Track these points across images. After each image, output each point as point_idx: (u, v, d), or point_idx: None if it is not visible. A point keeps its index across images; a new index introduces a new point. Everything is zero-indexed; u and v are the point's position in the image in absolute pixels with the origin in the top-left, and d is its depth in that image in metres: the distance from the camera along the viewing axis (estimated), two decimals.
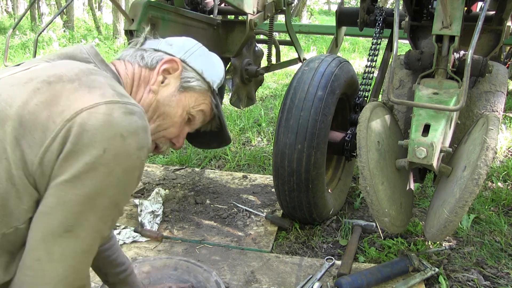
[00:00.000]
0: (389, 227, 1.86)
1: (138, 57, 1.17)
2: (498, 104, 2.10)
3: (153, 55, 1.17)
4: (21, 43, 9.72)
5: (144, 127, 0.95)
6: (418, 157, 1.73)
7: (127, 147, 0.90)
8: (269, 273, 2.08)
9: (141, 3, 2.00)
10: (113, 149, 0.88)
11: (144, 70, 1.16)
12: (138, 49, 1.20)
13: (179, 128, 1.21)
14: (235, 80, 2.70)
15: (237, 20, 2.86)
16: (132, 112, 0.93)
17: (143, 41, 1.23)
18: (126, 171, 0.92)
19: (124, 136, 0.89)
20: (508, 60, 4.86)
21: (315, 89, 2.27)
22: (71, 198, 0.87)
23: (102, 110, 0.89)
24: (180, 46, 1.21)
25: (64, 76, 0.95)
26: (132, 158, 0.92)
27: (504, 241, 2.39)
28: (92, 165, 0.87)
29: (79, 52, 1.09)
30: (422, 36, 2.45)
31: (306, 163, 2.23)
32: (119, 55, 1.23)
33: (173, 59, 1.17)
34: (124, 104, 0.93)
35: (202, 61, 1.22)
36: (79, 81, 0.95)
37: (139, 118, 0.94)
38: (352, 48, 10.93)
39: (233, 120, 4.60)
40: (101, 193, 0.89)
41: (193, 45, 1.24)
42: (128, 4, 10.46)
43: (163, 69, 1.16)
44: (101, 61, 1.10)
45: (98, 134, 0.87)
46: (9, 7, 20.23)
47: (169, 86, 1.16)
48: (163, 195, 2.74)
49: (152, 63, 1.16)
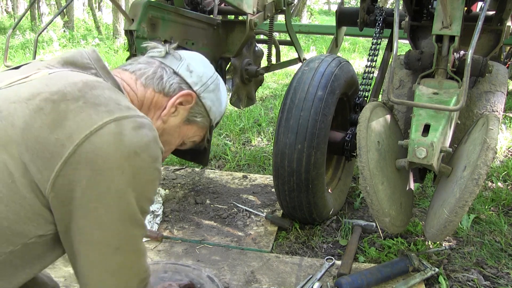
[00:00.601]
0: (389, 227, 1.86)
1: (156, 79, 1.14)
2: (498, 104, 2.10)
3: (172, 81, 1.15)
4: (21, 43, 9.72)
5: (154, 138, 0.96)
6: (418, 157, 1.73)
7: (142, 163, 0.93)
8: (269, 273, 2.08)
9: (141, 3, 2.00)
10: (131, 168, 0.91)
11: (158, 95, 1.14)
12: (160, 64, 1.16)
13: (171, 151, 1.28)
14: (235, 80, 2.70)
15: (237, 20, 2.86)
16: (141, 126, 0.94)
17: (165, 55, 1.18)
18: (147, 183, 0.96)
19: (138, 153, 0.92)
20: (508, 60, 4.86)
21: (315, 89, 2.27)
22: (109, 222, 0.92)
23: (111, 129, 0.90)
24: (199, 76, 1.20)
25: (68, 94, 0.93)
26: (150, 171, 0.95)
27: (504, 241, 2.39)
28: (116, 187, 0.90)
29: (80, 57, 1.07)
30: (422, 36, 2.45)
31: (306, 163, 2.23)
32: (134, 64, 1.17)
33: (190, 93, 1.16)
34: (132, 118, 0.94)
35: (212, 98, 1.23)
36: (84, 99, 0.93)
37: (149, 130, 0.95)
38: (352, 48, 10.93)
39: (233, 120, 4.60)
40: (132, 208, 0.94)
41: (210, 77, 1.23)
42: (128, 4, 10.46)
43: (178, 102, 1.15)
44: (102, 68, 1.07)
45: (112, 157, 0.89)
46: (9, 7, 20.24)
47: (177, 117, 1.18)
48: (163, 195, 2.74)
49: (169, 91, 1.15)
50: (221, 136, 4.21)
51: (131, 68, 1.16)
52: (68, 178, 0.88)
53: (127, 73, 1.15)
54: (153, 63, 1.16)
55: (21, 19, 2.32)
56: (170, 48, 1.20)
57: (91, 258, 0.95)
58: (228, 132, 4.30)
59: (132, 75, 1.14)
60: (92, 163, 0.88)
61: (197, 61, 1.23)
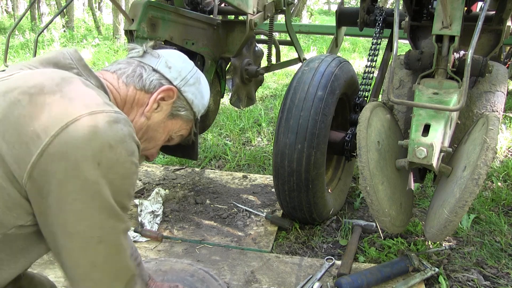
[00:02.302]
0: (389, 227, 1.86)
1: (136, 77, 1.17)
2: (498, 104, 2.10)
3: (152, 77, 1.18)
4: (21, 43, 9.72)
5: (130, 133, 0.97)
6: (418, 157, 1.73)
7: (118, 156, 0.93)
8: (269, 273, 2.08)
9: (141, 3, 2.00)
10: (106, 161, 0.91)
11: (140, 93, 1.17)
12: (138, 63, 1.20)
13: (159, 148, 1.30)
14: (235, 80, 2.70)
15: (237, 20, 2.86)
16: (117, 120, 0.95)
17: (143, 54, 1.22)
18: (124, 177, 0.96)
19: (112, 146, 0.92)
20: (508, 60, 4.86)
21: (315, 89, 2.27)
22: (88, 213, 0.93)
23: (86, 122, 0.90)
24: (178, 71, 1.23)
25: (45, 88, 0.95)
26: (126, 165, 0.95)
27: (504, 241, 2.39)
28: (93, 179, 0.91)
29: (62, 58, 1.09)
30: (422, 36, 2.45)
31: (306, 163, 2.23)
32: (114, 65, 1.21)
33: (171, 88, 1.19)
34: (108, 113, 0.95)
35: (193, 91, 1.26)
36: (61, 93, 0.95)
37: (124, 125, 0.96)
38: (352, 48, 10.92)
39: (233, 120, 4.59)
40: (109, 201, 0.94)
41: (189, 71, 1.26)
42: (128, 4, 10.46)
43: (160, 97, 1.18)
44: (84, 66, 1.09)
45: (88, 149, 0.89)
46: (9, 7, 20.23)
47: (160, 113, 1.20)
48: (163, 195, 2.74)
49: (149, 88, 1.17)
50: (221, 136, 4.21)
51: (112, 69, 1.19)
52: (44, 169, 0.88)
53: (109, 73, 1.18)
54: (132, 63, 1.20)
55: (21, 19, 2.32)
56: (147, 47, 1.23)
57: (75, 251, 0.96)
58: (228, 132, 4.30)
59: (114, 75, 1.17)
60: (67, 154, 0.88)
61: (175, 57, 1.26)
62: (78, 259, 0.97)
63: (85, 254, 0.96)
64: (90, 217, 0.93)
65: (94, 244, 0.96)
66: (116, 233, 1.00)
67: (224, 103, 4.98)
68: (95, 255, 0.97)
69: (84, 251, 0.96)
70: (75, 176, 0.89)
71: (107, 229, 0.97)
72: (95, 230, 0.95)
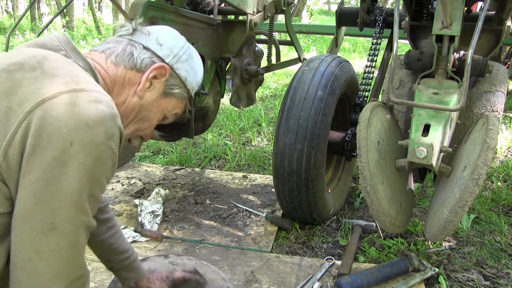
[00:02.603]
0: (389, 227, 1.86)
1: (126, 56, 1.12)
2: (498, 104, 2.10)
3: (143, 55, 1.14)
4: (21, 43, 9.71)
5: (112, 115, 0.92)
6: (418, 157, 1.73)
7: (94, 137, 0.88)
8: (269, 273, 2.08)
9: (141, 3, 2.00)
10: (80, 140, 0.86)
11: (130, 72, 1.13)
12: (128, 41, 1.15)
13: (153, 128, 1.25)
14: (235, 80, 2.70)
15: (237, 20, 2.85)
16: (98, 100, 0.91)
17: (132, 31, 1.17)
18: (97, 161, 0.90)
19: (89, 126, 0.87)
20: (508, 60, 4.86)
21: (315, 89, 2.27)
22: (47, 196, 0.86)
23: (64, 99, 0.87)
24: (170, 47, 1.18)
25: (25, 65, 0.91)
26: (101, 148, 0.90)
27: (504, 241, 2.39)
28: (62, 159, 0.85)
29: (50, 40, 1.05)
30: (422, 36, 2.45)
31: (306, 163, 2.23)
32: (103, 44, 1.16)
33: (163, 66, 1.15)
34: (88, 92, 0.90)
35: (186, 68, 1.22)
36: (41, 69, 0.91)
37: (106, 106, 0.91)
38: (352, 48, 10.93)
39: (233, 120, 4.59)
40: (76, 186, 0.88)
41: (181, 48, 1.21)
42: (128, 4, 10.46)
43: (152, 75, 1.14)
44: (72, 49, 1.05)
45: (63, 126, 0.85)
46: (9, 7, 20.24)
47: (153, 91, 1.16)
48: (163, 195, 2.74)
49: (141, 66, 1.13)
50: (221, 136, 4.22)
51: (100, 48, 1.14)
52: (19, 146, 0.85)
53: (97, 53, 1.13)
54: (122, 41, 1.15)
55: (21, 19, 2.33)
56: (137, 24, 1.18)
57: (24, 233, 0.88)
58: (228, 132, 4.30)
59: (102, 55, 1.13)
60: (40, 130, 0.84)
61: (166, 34, 1.21)
62: (25, 243, 0.89)
63: (32, 239, 0.88)
64: (48, 200, 0.86)
65: (46, 230, 0.88)
66: (74, 225, 0.91)
67: (224, 103, 4.98)
68: (43, 243, 0.89)
69: (32, 235, 0.88)
70: (43, 154, 0.84)
71: (64, 218, 0.89)
72: (50, 215, 0.87)
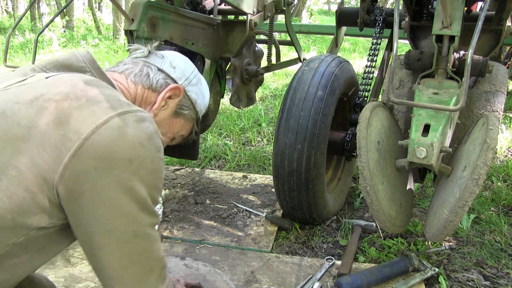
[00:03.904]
0: (389, 227, 1.86)
1: (143, 76, 1.20)
2: (498, 104, 2.10)
3: (158, 76, 1.22)
4: (21, 43, 9.72)
5: (156, 130, 1.02)
6: (418, 157, 1.73)
7: (148, 153, 0.98)
8: (269, 273, 2.08)
9: (141, 3, 2.00)
10: (137, 158, 0.96)
11: (147, 91, 1.21)
12: (144, 63, 1.23)
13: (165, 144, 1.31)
14: (235, 80, 2.70)
15: (237, 20, 2.85)
16: (143, 119, 1.00)
17: (148, 54, 1.25)
18: (154, 172, 1.01)
19: (142, 144, 0.97)
20: (508, 60, 4.86)
21: (315, 89, 2.27)
22: (123, 209, 0.96)
23: (116, 123, 0.95)
24: (182, 71, 1.27)
25: (70, 94, 0.97)
26: (155, 161, 1.00)
27: (504, 241, 2.39)
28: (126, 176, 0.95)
29: (75, 60, 1.11)
30: (422, 36, 2.45)
31: (306, 163, 2.23)
32: (120, 65, 1.23)
33: (178, 87, 1.23)
34: (134, 113, 0.99)
35: (196, 91, 1.31)
36: (86, 97, 0.97)
37: (150, 123, 1.01)
38: (352, 48, 10.92)
39: (233, 120, 4.59)
40: (142, 196, 0.98)
41: (191, 72, 1.30)
42: (128, 4, 10.46)
43: (168, 95, 1.22)
44: (97, 69, 1.12)
45: (120, 148, 0.93)
46: (9, 7, 20.22)
47: (167, 110, 1.24)
48: (163, 195, 2.74)
49: (156, 86, 1.21)
50: (221, 136, 4.21)
51: (119, 69, 1.22)
52: (77, 170, 0.91)
53: (117, 74, 1.20)
54: (138, 63, 1.23)
55: (21, 19, 2.32)
56: (152, 47, 1.27)
57: (112, 247, 0.98)
58: (228, 132, 4.30)
59: (122, 75, 1.20)
60: (99, 154, 0.91)
61: (178, 58, 1.30)
62: (115, 255, 0.99)
63: (122, 249, 0.99)
64: (125, 212, 0.96)
65: (130, 238, 0.98)
66: (149, 226, 1.03)
67: (224, 103, 4.98)
68: (132, 249, 1.00)
69: (120, 246, 0.98)
70: (108, 175, 0.93)
71: (141, 223, 1.00)
72: (130, 225, 0.98)
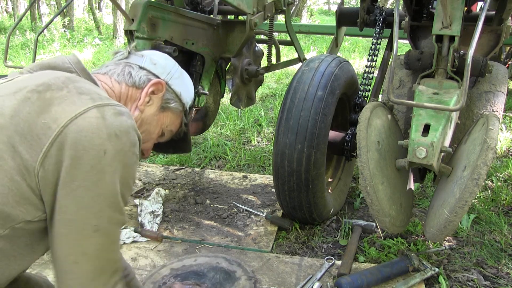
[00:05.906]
0: (389, 227, 1.86)
1: (126, 75, 1.24)
2: (498, 104, 2.10)
3: (140, 74, 1.26)
4: (21, 43, 9.72)
5: (133, 125, 1.04)
6: (418, 157, 1.73)
7: (123, 146, 0.99)
8: (269, 273, 2.08)
9: (141, 3, 2.00)
10: (112, 149, 0.97)
11: (131, 89, 1.24)
12: (125, 63, 1.27)
13: (153, 143, 1.36)
14: (235, 80, 2.70)
15: (237, 20, 2.85)
16: (121, 113, 1.02)
17: (128, 55, 1.30)
18: (126, 166, 1.01)
19: (118, 136, 0.98)
20: (508, 60, 4.86)
21: (315, 89, 2.27)
22: (89, 201, 0.96)
23: (94, 113, 0.97)
24: (163, 66, 1.31)
25: (52, 85, 1.01)
26: (129, 154, 1.01)
27: (504, 241, 2.39)
28: (98, 167, 0.96)
29: (61, 62, 1.15)
30: (422, 36, 2.45)
31: (306, 163, 2.23)
32: (103, 67, 1.28)
33: (160, 81, 1.26)
34: (113, 106, 1.02)
35: (179, 84, 1.34)
36: (67, 89, 1.01)
37: (128, 118, 1.03)
38: (352, 48, 10.92)
39: (233, 120, 4.59)
40: (111, 189, 0.99)
41: (173, 66, 1.34)
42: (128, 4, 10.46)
43: (151, 91, 1.25)
44: (82, 70, 1.15)
45: (95, 137, 0.95)
46: (9, 7, 20.22)
47: (152, 106, 1.27)
48: (163, 195, 2.74)
49: (139, 83, 1.25)
50: (221, 136, 4.21)
51: (102, 71, 1.26)
52: (55, 158, 0.93)
53: (100, 75, 1.25)
54: (120, 63, 1.28)
55: (21, 19, 2.32)
56: (131, 48, 1.32)
57: (69, 238, 0.97)
58: (228, 132, 4.30)
59: (106, 76, 1.24)
60: (76, 143, 0.94)
61: (158, 56, 1.35)
62: (71, 247, 0.98)
63: (78, 242, 0.98)
64: (91, 204, 0.96)
65: (90, 232, 0.98)
66: (113, 223, 1.02)
67: (224, 103, 4.98)
68: (89, 244, 0.99)
69: (78, 239, 0.98)
70: (81, 164, 0.94)
71: (105, 218, 0.99)
72: (93, 218, 0.98)
